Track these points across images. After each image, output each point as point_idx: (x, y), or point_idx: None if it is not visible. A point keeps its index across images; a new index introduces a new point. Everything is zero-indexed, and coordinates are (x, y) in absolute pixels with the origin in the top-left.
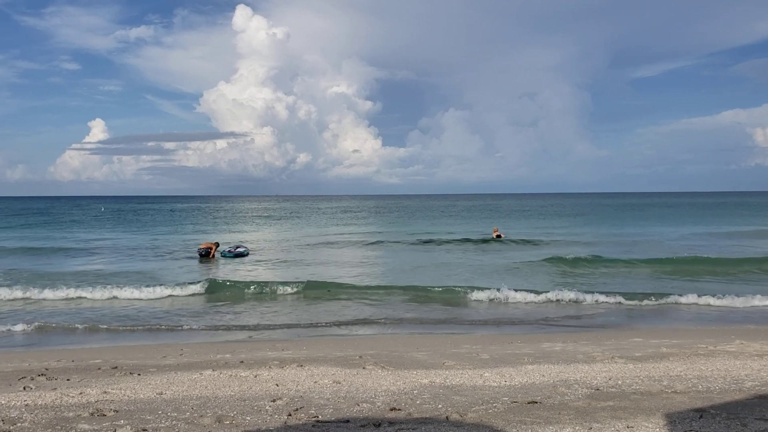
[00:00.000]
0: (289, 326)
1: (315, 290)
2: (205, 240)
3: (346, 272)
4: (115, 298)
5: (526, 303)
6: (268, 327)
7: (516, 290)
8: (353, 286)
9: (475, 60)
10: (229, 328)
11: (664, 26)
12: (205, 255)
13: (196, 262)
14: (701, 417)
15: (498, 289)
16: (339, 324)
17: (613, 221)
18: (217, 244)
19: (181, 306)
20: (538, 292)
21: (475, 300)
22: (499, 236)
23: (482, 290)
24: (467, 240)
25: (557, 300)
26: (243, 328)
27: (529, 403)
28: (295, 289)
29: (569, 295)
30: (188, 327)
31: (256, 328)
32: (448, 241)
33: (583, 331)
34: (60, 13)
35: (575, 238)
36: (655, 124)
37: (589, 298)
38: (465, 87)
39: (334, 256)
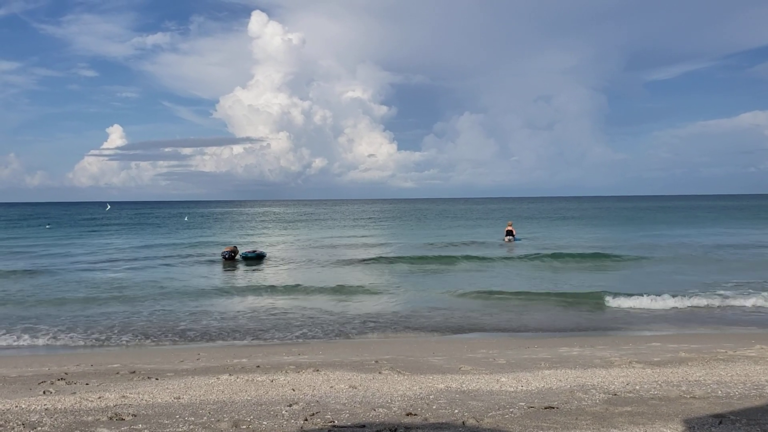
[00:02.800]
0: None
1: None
2: (225, 244)
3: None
4: None
5: None
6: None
7: None
8: None
9: (490, 63)
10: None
11: (680, 28)
12: (230, 258)
13: (222, 266)
14: (720, 423)
15: None
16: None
17: (657, 226)
18: (236, 247)
19: None
20: None
21: None
22: (510, 231)
23: None
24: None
25: None
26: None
27: (545, 408)
28: None
29: None
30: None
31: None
32: (486, 259)
33: (601, 336)
34: (78, 21)
35: (628, 251)
36: (672, 126)
37: None
38: (480, 91)
39: (351, 268)
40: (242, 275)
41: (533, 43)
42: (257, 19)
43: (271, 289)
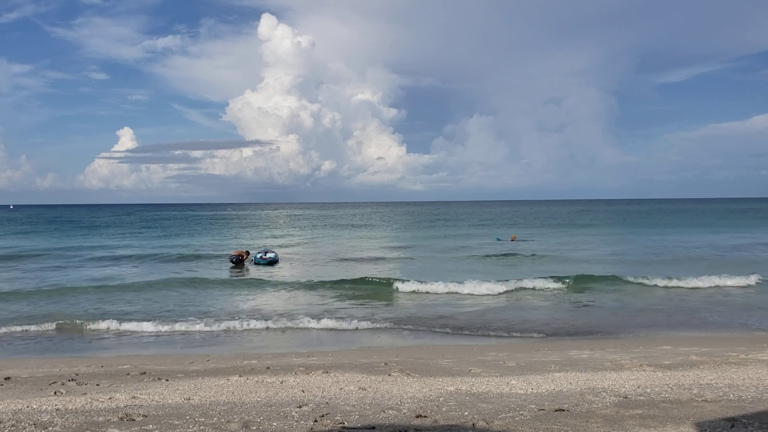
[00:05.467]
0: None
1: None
2: (235, 248)
3: None
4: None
5: None
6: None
7: None
8: None
9: (500, 66)
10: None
11: (691, 30)
12: (237, 262)
13: (231, 269)
14: (732, 426)
15: None
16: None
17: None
18: (248, 253)
19: None
20: None
21: None
22: (514, 239)
23: None
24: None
25: None
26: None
27: (556, 410)
28: None
29: None
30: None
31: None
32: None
33: (611, 339)
34: (89, 24)
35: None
36: (683, 129)
37: None
38: (490, 93)
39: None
40: (248, 282)
41: (543, 45)
42: (267, 22)
43: (279, 295)
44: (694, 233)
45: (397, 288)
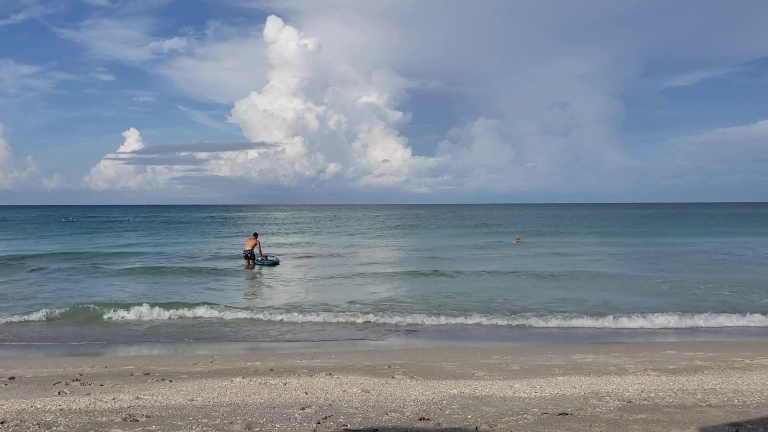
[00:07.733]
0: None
1: None
2: (247, 236)
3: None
4: None
5: None
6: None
7: None
8: None
9: (506, 69)
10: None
11: (698, 35)
12: (249, 257)
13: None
14: (737, 431)
15: None
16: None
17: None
18: (256, 235)
19: None
20: None
21: None
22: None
23: None
24: None
25: None
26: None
27: (559, 414)
28: None
29: None
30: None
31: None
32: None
33: (615, 343)
34: (96, 26)
35: None
36: (689, 134)
37: None
38: (496, 96)
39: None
40: (255, 282)
41: (549, 48)
42: (273, 24)
43: (283, 294)
44: (729, 241)
45: None
